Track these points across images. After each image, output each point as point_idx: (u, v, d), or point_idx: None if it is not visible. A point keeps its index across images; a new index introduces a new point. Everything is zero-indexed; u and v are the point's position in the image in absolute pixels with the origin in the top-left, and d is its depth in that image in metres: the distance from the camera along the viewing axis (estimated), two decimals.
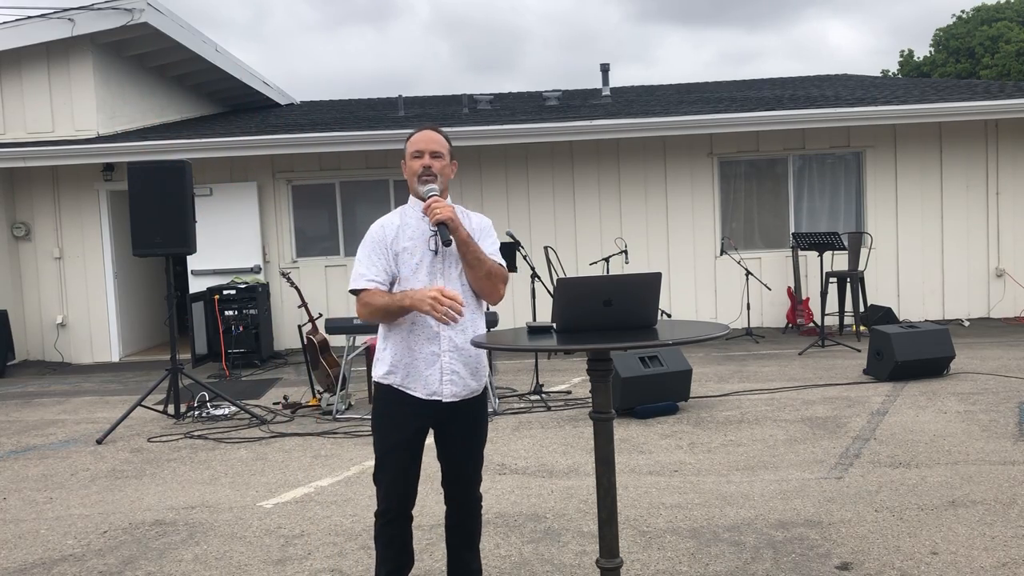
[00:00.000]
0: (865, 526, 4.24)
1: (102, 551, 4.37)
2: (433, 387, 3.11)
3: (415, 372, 3.12)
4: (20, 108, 11.45)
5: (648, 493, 4.88)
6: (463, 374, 3.13)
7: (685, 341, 2.94)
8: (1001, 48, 32.40)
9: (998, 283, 11.52)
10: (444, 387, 3.10)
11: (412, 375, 3.12)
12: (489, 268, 3.11)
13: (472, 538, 3.32)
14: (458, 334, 3.11)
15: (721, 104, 12.09)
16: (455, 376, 3.11)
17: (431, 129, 3.25)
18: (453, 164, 3.26)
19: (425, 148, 3.18)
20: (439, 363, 3.10)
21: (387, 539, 3.22)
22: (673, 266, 11.60)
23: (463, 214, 3.21)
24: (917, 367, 7.64)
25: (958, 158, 11.48)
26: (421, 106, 15.02)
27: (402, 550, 3.24)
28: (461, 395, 3.13)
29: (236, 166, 11.69)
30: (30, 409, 8.41)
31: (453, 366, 3.11)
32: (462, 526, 3.29)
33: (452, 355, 3.10)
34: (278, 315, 11.43)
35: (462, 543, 3.30)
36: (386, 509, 3.19)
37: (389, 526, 3.20)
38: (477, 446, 3.25)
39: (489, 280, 3.12)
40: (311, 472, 5.65)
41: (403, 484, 3.17)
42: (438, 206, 3.04)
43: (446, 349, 3.10)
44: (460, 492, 3.26)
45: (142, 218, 7.20)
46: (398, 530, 3.22)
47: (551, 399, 7.50)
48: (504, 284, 3.18)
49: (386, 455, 3.18)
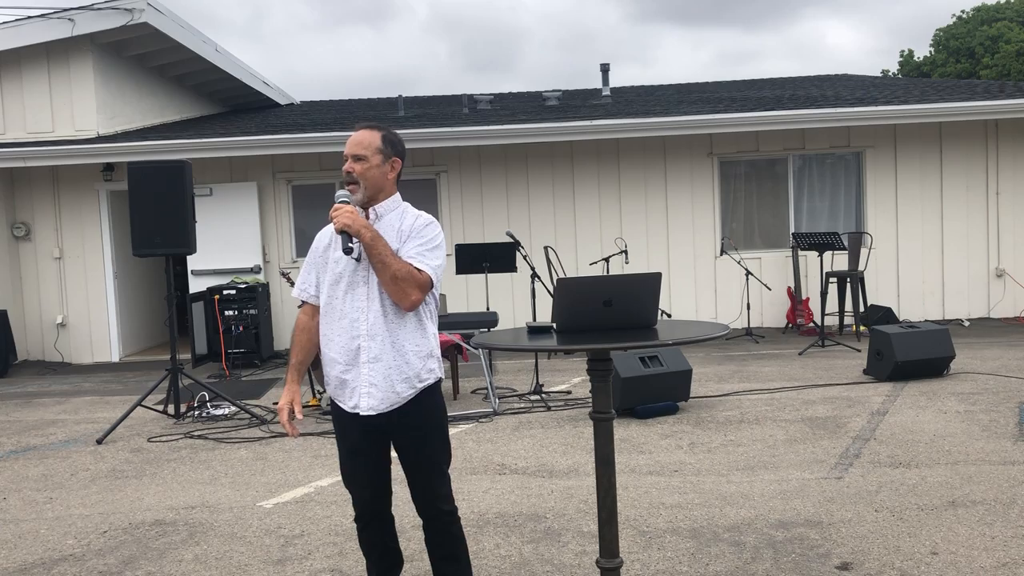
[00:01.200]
0: (865, 526, 4.24)
1: (102, 551, 4.37)
2: (353, 400, 3.03)
3: (339, 385, 3.06)
4: (20, 108, 11.45)
5: (648, 493, 4.88)
6: (382, 386, 2.98)
7: (685, 341, 2.94)
8: (1001, 48, 32.40)
9: (998, 283, 11.52)
10: (361, 400, 3.00)
11: (337, 388, 3.08)
12: (394, 272, 2.92)
13: (450, 552, 3.15)
14: (377, 345, 2.98)
15: (721, 104, 12.09)
16: (373, 389, 2.99)
17: (362, 128, 3.13)
18: (392, 162, 3.10)
19: (347, 152, 3.08)
20: (358, 375, 3.00)
21: (367, 543, 3.22)
22: (673, 266, 11.60)
23: (400, 214, 3.10)
24: (917, 367, 7.64)
25: (958, 158, 11.48)
26: (421, 106, 15.02)
27: (384, 552, 3.22)
28: (380, 408, 2.99)
29: (236, 166, 11.69)
30: (30, 409, 8.41)
31: (371, 378, 2.98)
32: (434, 541, 3.16)
33: (370, 367, 2.99)
34: (278, 315, 11.42)
35: (440, 557, 3.17)
36: (358, 514, 3.19)
37: (364, 531, 3.21)
38: (426, 459, 3.07)
39: (395, 284, 2.93)
40: (311, 472, 5.65)
41: (361, 490, 3.14)
42: (336, 214, 2.95)
43: (364, 361, 3.00)
44: (422, 506, 3.12)
45: (142, 218, 7.20)
46: (375, 533, 3.20)
47: (551, 399, 7.50)
48: (419, 289, 2.96)
49: (341, 462, 3.18)
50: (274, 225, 11.76)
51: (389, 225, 3.06)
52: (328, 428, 6.83)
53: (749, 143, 11.62)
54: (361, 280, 3.02)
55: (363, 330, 3.00)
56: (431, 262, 3.00)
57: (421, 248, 3.01)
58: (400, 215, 3.11)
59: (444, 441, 3.13)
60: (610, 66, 14.70)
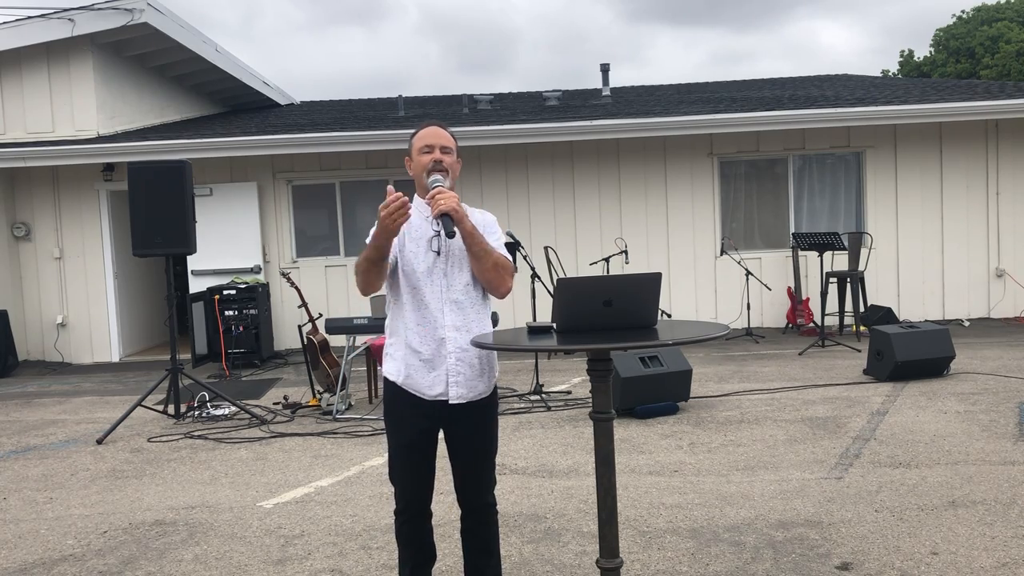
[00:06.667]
0: (865, 526, 4.24)
1: (102, 551, 4.37)
2: (439, 388, 3.07)
3: (421, 372, 3.08)
4: (20, 108, 11.45)
5: (648, 493, 4.88)
6: (469, 375, 3.08)
7: (685, 341, 2.94)
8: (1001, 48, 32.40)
9: (998, 283, 11.52)
10: (450, 388, 3.06)
11: (418, 375, 3.09)
12: (496, 259, 3.05)
13: (486, 544, 3.24)
14: (463, 335, 3.07)
15: (721, 104, 12.09)
16: (460, 377, 3.07)
17: (438, 125, 3.22)
18: (459, 161, 3.23)
19: (435, 143, 3.14)
20: (445, 364, 3.06)
21: (405, 537, 3.22)
22: (673, 266, 11.60)
23: (467, 210, 3.15)
24: (917, 367, 7.64)
25: (958, 158, 11.48)
26: (421, 106, 15.02)
27: (421, 547, 3.24)
28: (467, 396, 3.08)
29: (236, 166, 11.69)
30: (30, 409, 8.41)
31: (459, 367, 3.06)
32: (473, 532, 3.24)
33: (458, 356, 3.06)
34: (278, 315, 11.42)
35: (475, 548, 3.25)
36: (402, 508, 3.19)
37: (406, 525, 3.21)
38: (485, 449, 3.19)
39: (496, 271, 3.06)
40: (311, 472, 5.65)
41: (413, 483, 3.16)
42: (442, 197, 2.97)
43: (451, 350, 3.06)
44: (469, 497, 3.21)
45: (142, 218, 7.20)
46: (416, 528, 3.22)
47: (551, 399, 7.50)
48: (511, 277, 3.12)
49: (395, 454, 3.17)
50: (274, 225, 11.76)
51: None
52: (328, 428, 6.83)
53: (749, 143, 11.61)
54: (440, 272, 3.09)
55: (448, 321, 3.07)
56: (507, 254, 3.15)
57: (496, 242, 3.14)
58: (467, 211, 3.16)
59: (497, 432, 3.28)
60: (610, 66, 14.72)
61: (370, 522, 4.60)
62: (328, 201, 11.90)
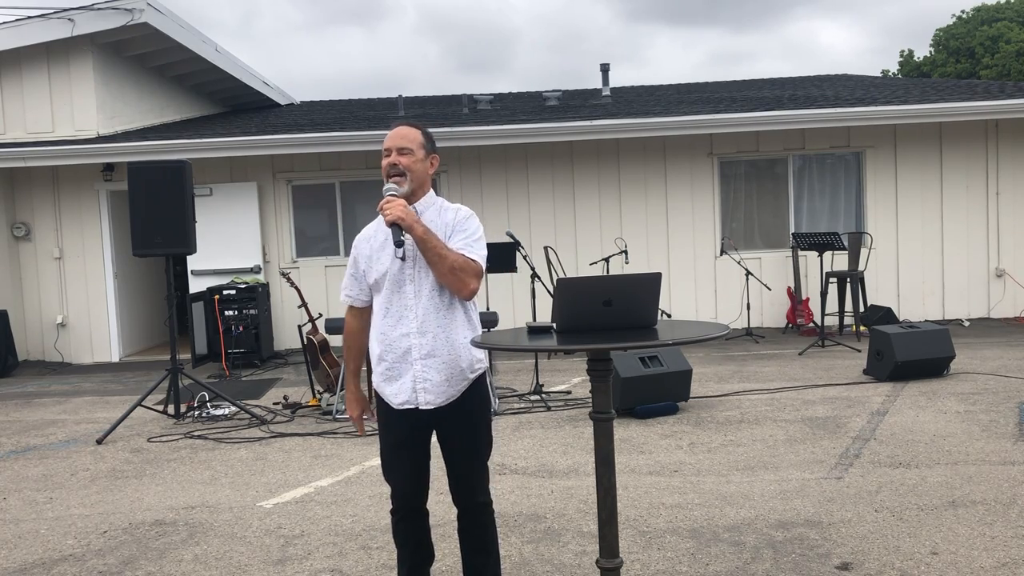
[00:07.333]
0: (865, 526, 4.24)
1: (102, 551, 4.37)
2: (404, 396, 3.08)
3: (391, 381, 3.11)
4: (20, 108, 11.45)
5: (648, 493, 4.88)
6: (437, 381, 3.06)
7: (685, 341, 2.94)
8: (1001, 48, 32.41)
9: (998, 283, 11.52)
10: (419, 395, 3.06)
11: (389, 383, 3.12)
12: (452, 263, 2.99)
13: (483, 544, 3.23)
14: (430, 340, 3.05)
15: (721, 104, 12.09)
16: (428, 384, 3.05)
17: (402, 124, 3.16)
18: (432, 158, 3.15)
19: (392, 145, 3.09)
20: (412, 371, 3.06)
21: (401, 536, 3.23)
22: (673, 266, 11.60)
23: (439, 209, 3.15)
24: (917, 367, 7.64)
25: (958, 158, 11.48)
26: (421, 106, 15.02)
27: (418, 547, 3.25)
28: (436, 403, 3.07)
29: (236, 166, 11.69)
30: (30, 409, 8.41)
31: (426, 373, 3.05)
32: (469, 531, 3.24)
33: (424, 363, 3.05)
34: (278, 315, 11.43)
35: (472, 548, 3.25)
36: (396, 508, 3.21)
37: (401, 523, 3.22)
38: (473, 450, 3.17)
39: (454, 275, 3.00)
40: (311, 472, 5.65)
41: (403, 482, 3.17)
42: (388, 206, 2.97)
43: (417, 358, 3.05)
44: (462, 496, 3.21)
45: (142, 218, 7.20)
46: (411, 527, 3.22)
47: (551, 399, 7.50)
48: (476, 277, 3.05)
49: (385, 452, 3.20)
50: (274, 225, 11.76)
51: (430, 221, 3.10)
52: (328, 428, 6.83)
53: (749, 143, 11.62)
54: (407, 278, 3.08)
55: (413, 327, 3.06)
56: (479, 252, 3.09)
57: (467, 240, 3.08)
58: (439, 210, 3.16)
59: (488, 431, 3.23)
60: (610, 66, 14.72)
61: (370, 522, 4.60)
62: (328, 201, 11.90)
